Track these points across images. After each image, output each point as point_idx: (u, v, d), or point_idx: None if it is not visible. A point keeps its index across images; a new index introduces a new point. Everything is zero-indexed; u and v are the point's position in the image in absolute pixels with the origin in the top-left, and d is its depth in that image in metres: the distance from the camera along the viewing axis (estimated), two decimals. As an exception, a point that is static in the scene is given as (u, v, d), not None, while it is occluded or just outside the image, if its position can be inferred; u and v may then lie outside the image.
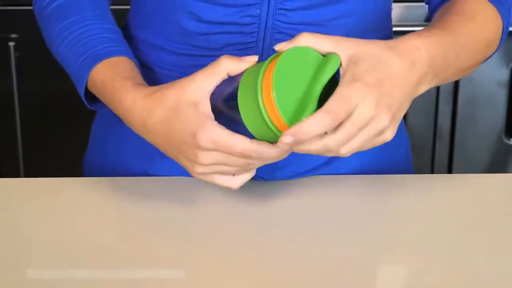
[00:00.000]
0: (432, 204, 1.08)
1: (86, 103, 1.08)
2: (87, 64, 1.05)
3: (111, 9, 1.15)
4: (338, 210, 1.06)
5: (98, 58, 1.05)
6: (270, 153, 0.93)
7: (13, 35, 2.08)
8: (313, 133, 0.89)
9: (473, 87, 2.14)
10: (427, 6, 1.17)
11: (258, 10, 1.05)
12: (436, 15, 1.09)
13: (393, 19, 1.20)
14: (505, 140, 2.20)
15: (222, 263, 0.95)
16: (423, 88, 0.96)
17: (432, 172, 2.23)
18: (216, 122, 0.94)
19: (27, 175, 2.19)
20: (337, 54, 0.92)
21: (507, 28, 1.09)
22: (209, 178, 0.97)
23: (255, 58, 0.95)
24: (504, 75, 2.13)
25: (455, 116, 2.18)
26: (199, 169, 0.96)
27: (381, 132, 0.91)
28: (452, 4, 1.07)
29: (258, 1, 1.04)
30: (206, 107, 0.94)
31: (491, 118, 2.18)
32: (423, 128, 2.17)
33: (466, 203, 1.08)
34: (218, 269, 0.94)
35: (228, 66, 0.94)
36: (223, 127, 0.93)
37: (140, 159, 1.16)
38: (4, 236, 1.01)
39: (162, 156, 1.15)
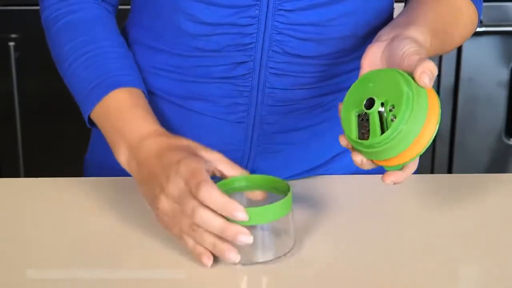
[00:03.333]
0: (432, 204, 1.08)
1: (87, 122, 1.09)
2: (102, 89, 1.05)
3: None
4: (338, 210, 1.06)
5: (115, 85, 1.05)
6: (216, 200, 0.91)
7: (13, 35, 2.08)
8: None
9: (473, 87, 2.14)
10: None
11: (257, 11, 1.05)
12: (419, 3, 1.09)
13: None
14: (505, 140, 2.20)
15: (222, 262, 0.95)
16: None
17: (432, 172, 2.23)
18: (205, 166, 0.94)
19: (27, 175, 2.19)
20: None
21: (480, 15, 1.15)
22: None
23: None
24: (504, 75, 2.13)
25: (455, 116, 2.18)
26: (162, 200, 0.94)
27: None
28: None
29: (257, 2, 1.04)
30: (206, 162, 0.96)
31: (491, 118, 2.18)
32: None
33: (466, 203, 1.08)
34: (218, 269, 0.94)
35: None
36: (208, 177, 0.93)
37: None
38: (4, 236, 1.01)
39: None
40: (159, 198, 0.95)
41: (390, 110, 0.89)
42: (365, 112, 0.91)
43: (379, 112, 0.90)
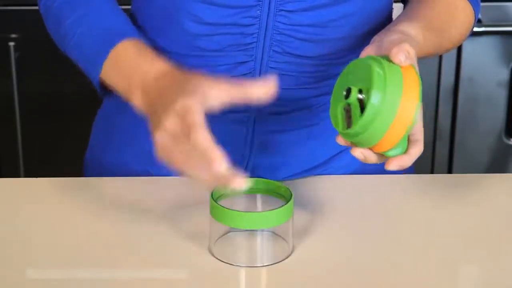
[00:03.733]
0: (432, 204, 1.08)
1: (99, 90, 1.08)
2: (106, 45, 1.04)
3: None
4: (338, 210, 1.06)
5: (118, 37, 1.04)
6: (203, 141, 0.88)
7: (13, 35, 2.08)
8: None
9: (473, 87, 2.14)
10: None
11: (258, 12, 1.05)
12: (417, 3, 1.10)
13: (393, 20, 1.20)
14: (505, 140, 2.20)
15: (223, 262, 0.95)
16: None
17: (432, 172, 2.23)
18: (203, 107, 0.91)
19: (27, 175, 2.19)
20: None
21: (477, 17, 1.15)
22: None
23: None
24: (504, 75, 2.13)
25: (455, 116, 2.17)
26: (158, 134, 0.92)
27: None
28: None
29: (259, 3, 1.05)
30: (206, 97, 0.92)
31: (491, 118, 2.18)
32: (423, 129, 2.17)
33: (466, 203, 1.08)
34: (219, 269, 0.94)
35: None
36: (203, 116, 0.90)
37: (141, 158, 1.16)
38: (4, 236, 1.01)
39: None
40: (157, 130, 0.92)
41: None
42: (348, 103, 0.91)
43: (359, 100, 0.91)
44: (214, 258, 0.95)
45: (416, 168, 1.29)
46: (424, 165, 2.22)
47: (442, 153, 2.22)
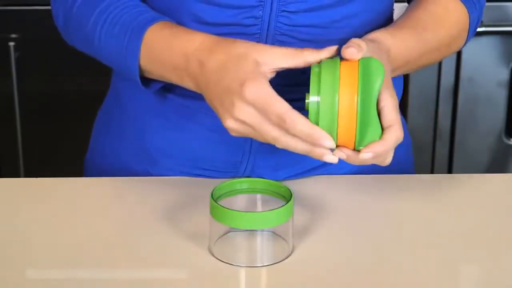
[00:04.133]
0: (432, 204, 1.08)
1: (141, 83, 1.06)
2: (136, 35, 1.03)
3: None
4: (338, 210, 1.06)
5: (145, 25, 1.04)
6: (303, 129, 0.92)
7: (13, 35, 2.08)
8: (393, 147, 0.93)
9: (473, 87, 2.14)
10: None
11: (260, 12, 1.05)
12: (411, 4, 1.13)
13: (394, 20, 1.20)
14: (505, 140, 2.20)
15: (223, 262, 0.95)
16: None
17: (432, 172, 2.23)
18: (268, 83, 0.94)
19: (27, 175, 2.19)
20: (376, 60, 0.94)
21: (475, 29, 1.14)
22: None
23: (334, 48, 0.96)
24: (504, 75, 2.13)
25: (455, 116, 2.17)
26: (230, 123, 0.95)
27: None
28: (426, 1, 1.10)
29: (261, 3, 1.05)
30: (267, 71, 0.95)
31: (491, 118, 2.18)
32: (423, 128, 2.17)
33: (466, 203, 1.08)
34: (219, 269, 0.94)
35: (309, 56, 0.96)
36: (272, 89, 0.93)
37: (141, 158, 1.16)
38: (4, 236, 1.01)
39: (162, 155, 1.15)
40: (227, 119, 0.95)
41: None
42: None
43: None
44: (214, 258, 0.95)
45: (416, 168, 1.29)
46: (424, 165, 2.22)
47: (442, 153, 2.22)
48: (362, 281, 0.93)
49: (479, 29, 2.01)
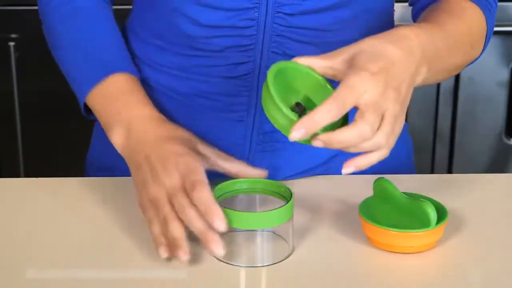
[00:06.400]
0: (432, 204, 1.08)
1: (82, 109, 1.11)
2: (99, 73, 1.08)
3: (113, 9, 1.15)
4: (338, 210, 1.06)
5: (111, 70, 1.08)
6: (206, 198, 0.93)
7: (13, 35, 2.08)
8: (322, 122, 0.88)
9: (473, 87, 2.14)
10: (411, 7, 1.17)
11: (256, 14, 1.05)
12: (424, 13, 1.09)
13: (394, 20, 1.20)
14: (505, 140, 2.20)
15: (223, 262, 0.95)
16: (419, 80, 0.96)
17: (432, 172, 2.23)
18: (203, 164, 0.98)
19: (27, 175, 2.19)
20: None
21: (491, 33, 1.10)
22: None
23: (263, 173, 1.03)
24: (504, 75, 2.14)
25: (455, 116, 2.18)
26: (156, 190, 0.96)
27: (395, 120, 0.91)
28: (440, 3, 1.08)
29: (256, 5, 1.05)
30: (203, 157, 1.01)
31: (491, 118, 2.18)
32: (423, 129, 2.17)
33: (466, 203, 1.08)
34: (219, 269, 0.94)
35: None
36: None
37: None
38: (4, 236, 1.01)
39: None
40: (150, 184, 0.97)
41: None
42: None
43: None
44: (214, 258, 0.95)
45: (416, 168, 1.29)
46: (424, 165, 2.22)
47: (442, 153, 2.22)
48: (362, 281, 0.93)
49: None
